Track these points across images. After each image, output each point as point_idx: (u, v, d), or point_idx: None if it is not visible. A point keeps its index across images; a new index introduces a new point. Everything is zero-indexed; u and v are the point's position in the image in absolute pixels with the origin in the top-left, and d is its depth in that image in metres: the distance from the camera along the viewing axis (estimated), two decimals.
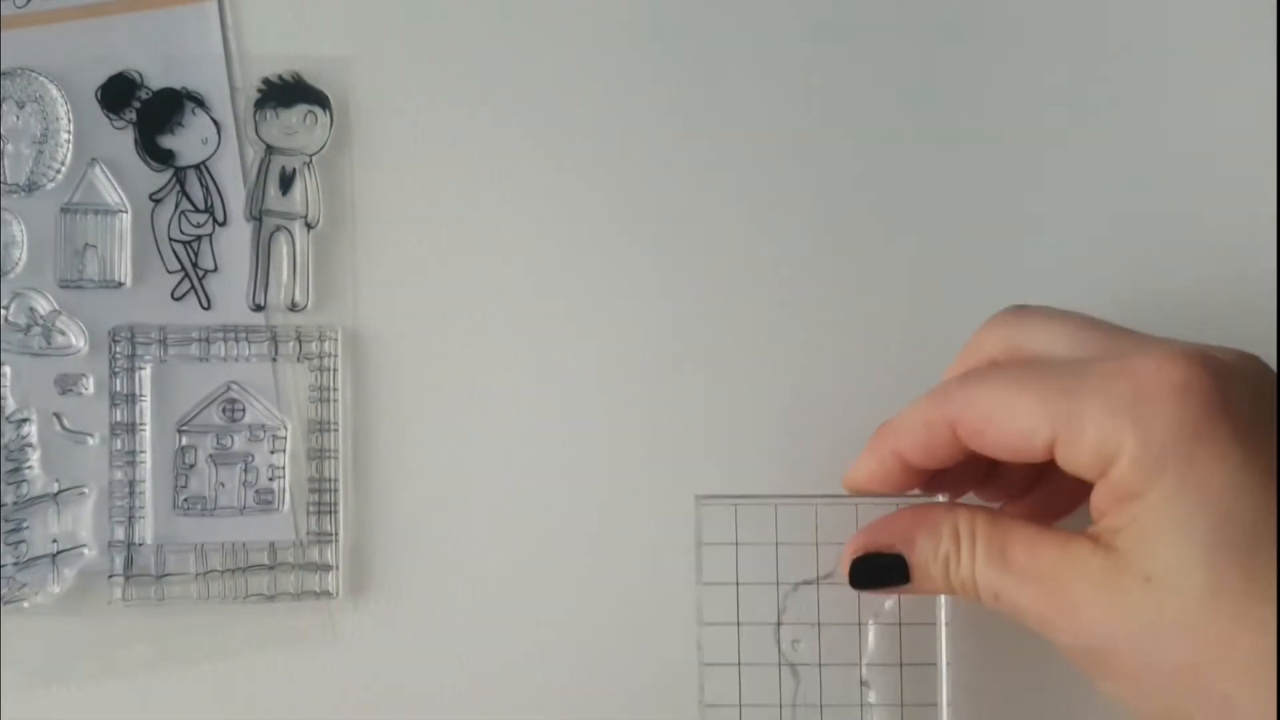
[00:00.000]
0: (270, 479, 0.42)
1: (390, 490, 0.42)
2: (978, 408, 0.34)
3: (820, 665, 0.40)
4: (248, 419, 0.42)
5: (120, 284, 0.41)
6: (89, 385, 0.41)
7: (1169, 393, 0.31)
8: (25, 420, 0.41)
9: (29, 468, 0.41)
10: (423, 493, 0.42)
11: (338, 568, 0.42)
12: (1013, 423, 0.33)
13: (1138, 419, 0.31)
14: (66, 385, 0.41)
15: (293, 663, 0.42)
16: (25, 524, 0.41)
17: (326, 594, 0.42)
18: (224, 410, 0.42)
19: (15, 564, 0.40)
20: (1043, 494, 0.39)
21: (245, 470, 0.42)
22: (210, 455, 0.42)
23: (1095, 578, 0.32)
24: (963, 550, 0.34)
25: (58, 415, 0.41)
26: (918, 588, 0.36)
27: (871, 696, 0.40)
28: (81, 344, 0.41)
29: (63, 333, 0.41)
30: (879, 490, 0.37)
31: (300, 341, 0.42)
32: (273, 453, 0.42)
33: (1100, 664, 0.32)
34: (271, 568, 0.42)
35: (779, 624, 0.40)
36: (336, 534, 0.42)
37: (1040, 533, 0.33)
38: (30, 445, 0.41)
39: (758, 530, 0.39)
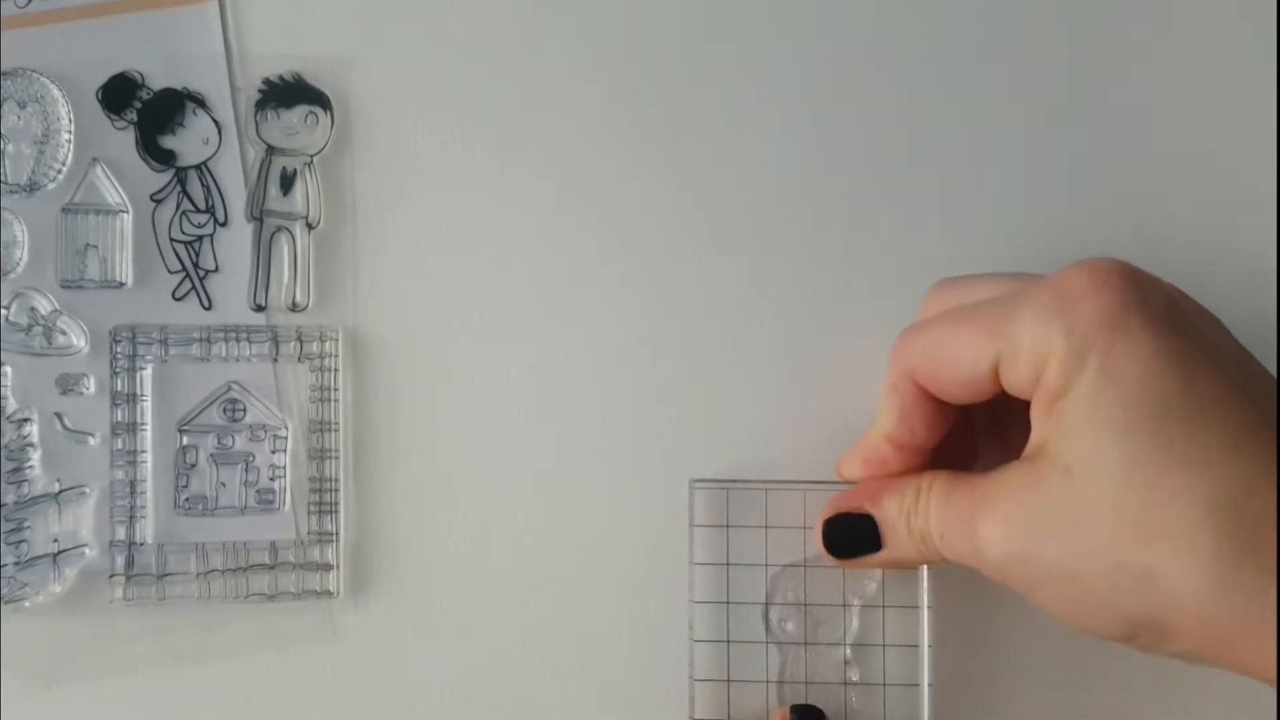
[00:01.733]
0: (271, 479, 0.42)
1: (391, 490, 0.42)
2: (927, 349, 0.36)
3: (806, 644, 0.41)
4: (249, 419, 0.42)
5: (121, 284, 0.41)
6: (90, 385, 0.41)
7: (1088, 289, 0.33)
8: (26, 420, 0.41)
9: (30, 467, 0.41)
10: (423, 491, 0.42)
11: (338, 567, 0.42)
12: (959, 353, 0.35)
13: (1062, 319, 0.33)
14: (68, 385, 0.41)
15: (294, 662, 0.42)
16: (26, 523, 0.41)
17: (327, 593, 0.42)
18: (225, 410, 0.42)
19: (16, 563, 0.40)
20: None
21: (246, 470, 0.42)
22: (211, 455, 0.42)
23: (1019, 484, 0.34)
24: (920, 500, 0.36)
25: (59, 415, 0.41)
26: (891, 553, 0.38)
27: (855, 675, 0.41)
28: (83, 344, 0.41)
29: (64, 333, 0.41)
30: (879, 475, 0.39)
31: (301, 341, 0.42)
32: (274, 452, 0.42)
33: (1028, 571, 0.34)
34: (272, 567, 0.42)
35: (767, 604, 0.41)
36: (337, 533, 0.42)
37: (985, 474, 0.35)
38: (31, 445, 0.41)
39: (748, 514, 0.41)
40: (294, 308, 0.42)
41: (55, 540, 0.41)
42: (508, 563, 0.42)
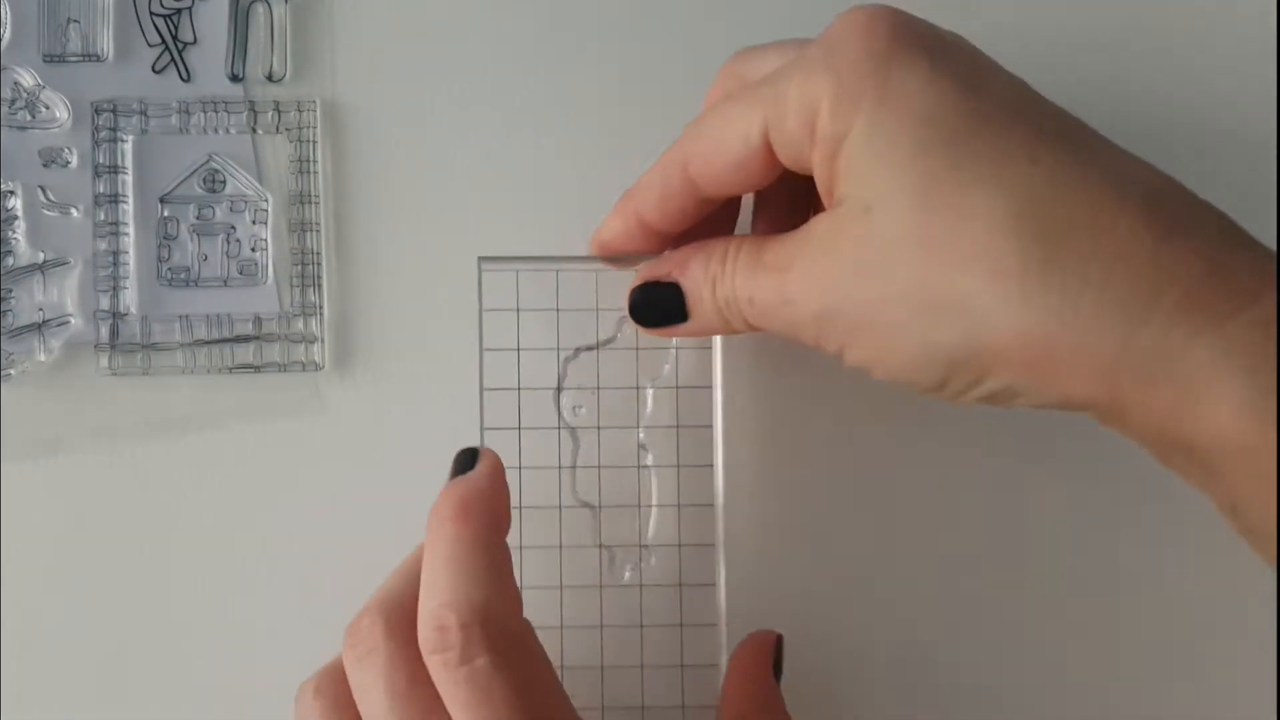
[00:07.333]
0: (253, 249, 0.42)
1: (372, 263, 0.42)
2: (700, 134, 0.34)
3: (599, 429, 0.40)
4: (229, 190, 0.42)
5: (102, 58, 0.41)
6: (72, 158, 0.41)
7: (855, 32, 0.31)
8: (10, 193, 0.41)
9: (14, 240, 0.41)
10: (404, 264, 0.42)
11: (323, 340, 0.41)
12: (727, 130, 0.33)
13: (830, 65, 0.31)
14: (50, 158, 0.41)
15: (280, 433, 0.42)
16: (12, 294, 0.41)
17: (314, 365, 0.41)
18: (205, 181, 0.42)
19: (3, 334, 0.41)
20: None
21: (228, 241, 0.42)
22: (192, 226, 0.41)
23: (823, 235, 0.32)
24: (726, 266, 0.34)
25: (42, 188, 0.41)
26: (696, 323, 0.36)
27: (649, 458, 0.40)
28: (65, 117, 0.41)
29: (47, 106, 0.41)
30: (624, 253, 0.37)
31: (279, 113, 0.42)
32: (255, 224, 0.42)
33: (841, 325, 0.32)
34: (257, 339, 0.41)
35: (559, 389, 0.40)
36: (321, 306, 0.42)
37: (793, 232, 0.33)
38: (15, 218, 0.41)
39: (539, 296, 0.39)
40: (271, 78, 0.42)
41: (40, 310, 0.41)
42: None
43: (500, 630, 0.31)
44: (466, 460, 0.35)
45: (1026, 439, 0.42)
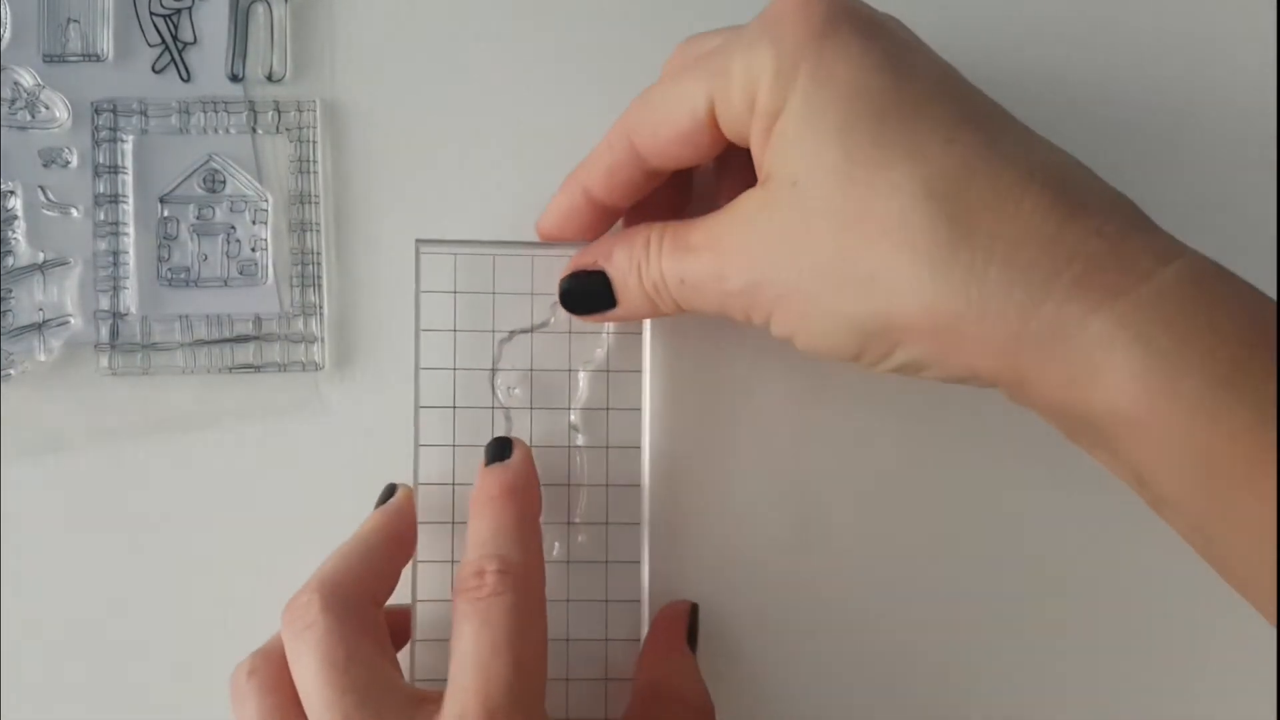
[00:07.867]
0: (253, 249, 0.42)
1: (371, 263, 0.42)
2: (646, 107, 0.35)
3: (532, 409, 0.40)
4: (229, 190, 0.42)
5: (102, 58, 0.41)
6: (73, 158, 0.41)
7: (795, 9, 0.32)
8: (10, 193, 0.41)
9: (14, 240, 0.41)
10: (404, 262, 0.42)
11: (323, 340, 0.41)
12: (674, 104, 0.34)
13: (770, 38, 0.32)
14: (50, 158, 0.41)
15: (280, 433, 0.42)
16: (12, 294, 0.41)
17: (314, 365, 0.41)
18: (205, 181, 0.41)
19: (3, 334, 0.41)
20: None
21: (228, 241, 0.42)
22: (192, 226, 0.41)
23: (754, 210, 0.33)
24: (651, 251, 0.35)
25: (42, 188, 0.41)
26: (625, 308, 0.37)
27: (580, 439, 0.40)
28: (65, 117, 0.41)
29: (47, 106, 0.41)
30: (570, 233, 0.38)
31: (279, 113, 0.42)
32: (255, 224, 0.42)
33: (768, 296, 0.33)
34: (257, 338, 0.41)
35: (494, 370, 0.40)
36: (321, 306, 0.42)
37: (719, 211, 0.34)
38: (15, 217, 0.41)
39: (476, 280, 0.40)
40: (271, 78, 0.42)
41: (40, 310, 0.41)
42: None
43: (526, 585, 0.34)
44: (501, 448, 0.37)
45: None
